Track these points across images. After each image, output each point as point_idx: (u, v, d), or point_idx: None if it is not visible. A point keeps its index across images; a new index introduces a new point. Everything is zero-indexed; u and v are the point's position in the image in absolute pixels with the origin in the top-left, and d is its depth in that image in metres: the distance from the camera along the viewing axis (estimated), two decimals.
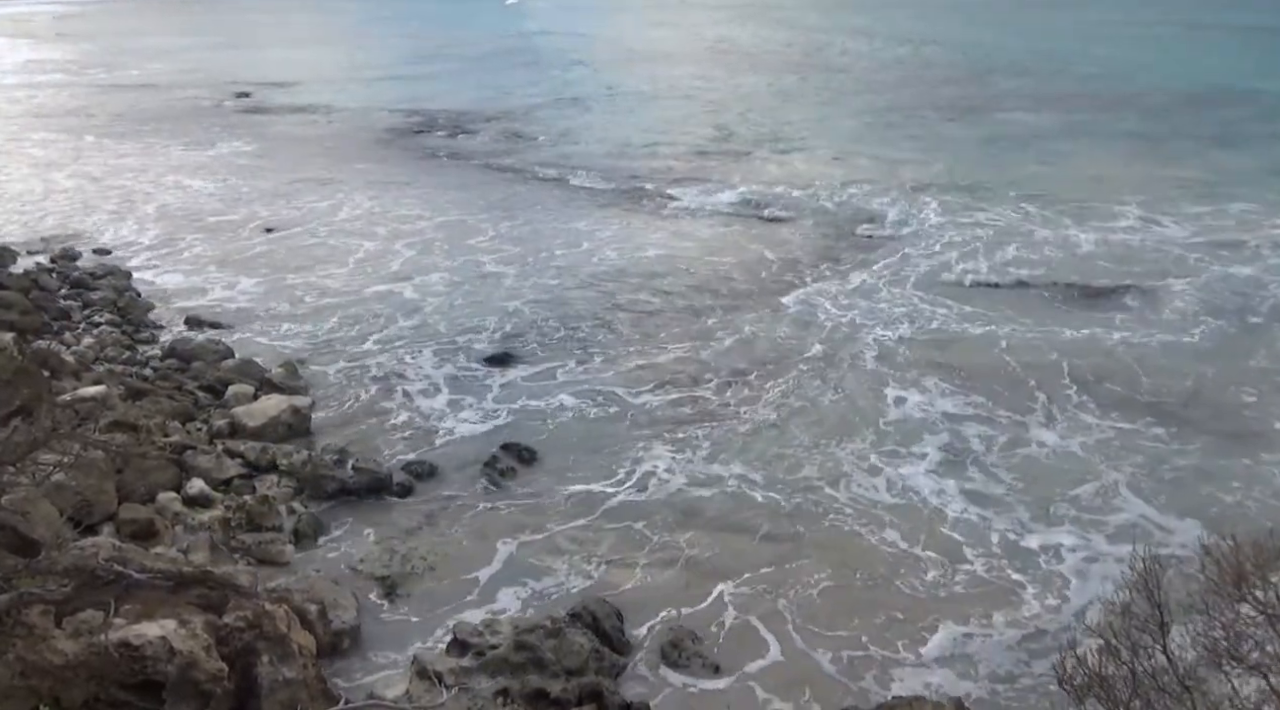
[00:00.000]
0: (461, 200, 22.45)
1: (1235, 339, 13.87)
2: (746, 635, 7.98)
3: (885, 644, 7.86)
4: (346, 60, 49.86)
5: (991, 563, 8.89)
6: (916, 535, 9.27)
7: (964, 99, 34.61)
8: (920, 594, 8.46)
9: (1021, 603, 8.33)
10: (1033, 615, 8.18)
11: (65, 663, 5.55)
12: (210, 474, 9.87)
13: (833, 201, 21.58)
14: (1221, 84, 35.15)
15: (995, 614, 8.19)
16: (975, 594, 8.46)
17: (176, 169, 26.45)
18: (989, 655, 7.71)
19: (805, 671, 7.57)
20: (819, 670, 7.60)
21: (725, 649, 7.79)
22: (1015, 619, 8.12)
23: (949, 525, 9.44)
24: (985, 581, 8.63)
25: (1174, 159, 24.87)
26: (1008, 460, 10.64)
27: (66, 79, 43.96)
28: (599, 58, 48.95)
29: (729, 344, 13.89)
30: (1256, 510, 9.55)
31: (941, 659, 7.70)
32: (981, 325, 14.41)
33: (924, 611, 8.22)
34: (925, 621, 8.09)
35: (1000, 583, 8.62)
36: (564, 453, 10.98)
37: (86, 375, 11.56)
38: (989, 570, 8.78)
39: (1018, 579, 8.65)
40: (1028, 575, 8.71)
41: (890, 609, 8.26)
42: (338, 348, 14.03)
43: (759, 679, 7.50)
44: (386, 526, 9.52)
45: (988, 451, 10.81)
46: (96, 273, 16.82)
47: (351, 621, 7.77)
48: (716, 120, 31.77)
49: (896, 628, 8.04)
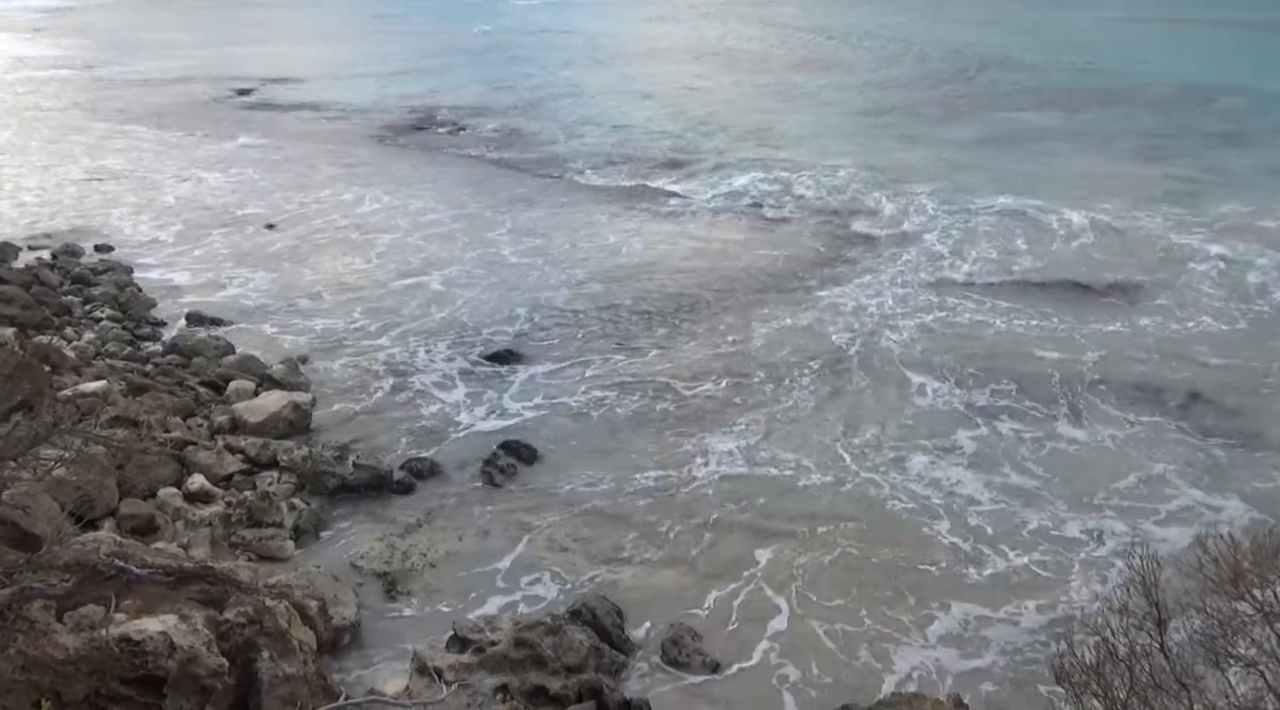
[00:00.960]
0: (467, 196, 22.44)
1: (1246, 332, 13.93)
2: (747, 634, 8.00)
3: (895, 641, 7.89)
4: (345, 56, 49.80)
5: (1021, 552, 8.99)
6: (945, 525, 9.34)
7: (960, 96, 34.65)
8: (936, 581, 8.50)
9: (1057, 589, 8.41)
10: (1056, 603, 8.24)
11: (66, 657, 5.57)
12: (211, 470, 9.89)
13: (837, 198, 21.58)
14: (1218, 82, 35.17)
15: (1025, 602, 8.28)
16: (1010, 584, 8.54)
17: (177, 165, 26.43)
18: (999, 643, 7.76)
19: (807, 668, 7.59)
20: (820, 666, 7.61)
21: (726, 647, 7.80)
22: (1041, 605, 8.19)
23: (979, 516, 9.50)
24: (1013, 571, 8.71)
25: (1172, 156, 24.92)
26: (1037, 453, 10.72)
27: (61, 75, 43.86)
28: (598, 54, 48.84)
29: (733, 343, 13.88)
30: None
31: (947, 639, 7.75)
32: (997, 319, 14.51)
33: (935, 594, 8.27)
34: (933, 605, 8.14)
35: (1030, 573, 8.70)
36: (565, 451, 11.00)
37: (88, 371, 11.58)
38: (1016, 559, 8.88)
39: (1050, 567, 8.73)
40: (1061, 565, 8.79)
41: (906, 591, 8.31)
42: (338, 344, 14.05)
43: (759, 676, 7.52)
44: (387, 523, 9.54)
45: (1018, 443, 10.91)
46: (98, 268, 16.83)
47: (352, 618, 7.80)
48: (718, 116, 31.72)
49: (904, 605, 8.09)
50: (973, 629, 8.03)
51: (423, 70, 44.11)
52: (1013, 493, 10.02)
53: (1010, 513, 9.65)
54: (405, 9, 72.39)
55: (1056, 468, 10.43)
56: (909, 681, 7.44)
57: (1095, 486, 10.05)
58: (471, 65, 45.34)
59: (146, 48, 52.09)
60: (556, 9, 74.13)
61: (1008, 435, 11.16)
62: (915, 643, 7.89)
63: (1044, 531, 9.34)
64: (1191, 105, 31.58)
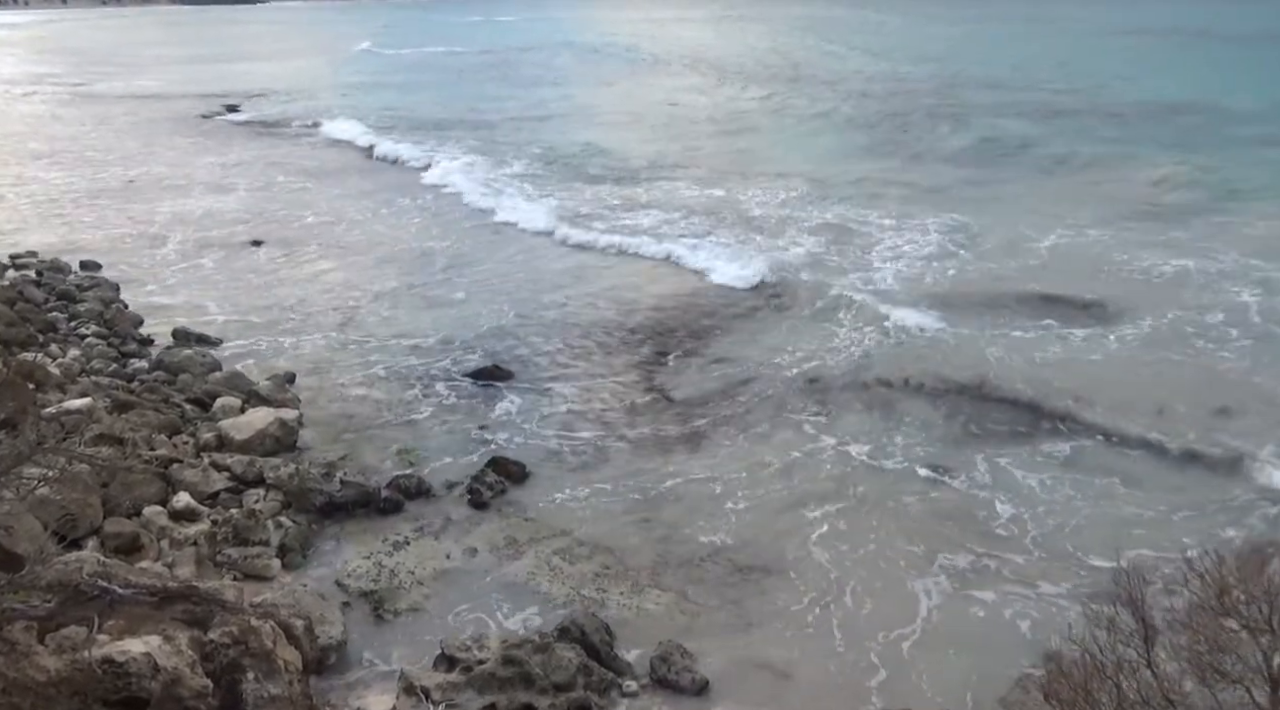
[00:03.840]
0: (422, 223, 22.38)
1: (1205, 350, 13.94)
2: (737, 652, 7.96)
3: (874, 670, 7.86)
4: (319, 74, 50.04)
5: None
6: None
7: (944, 109, 35.11)
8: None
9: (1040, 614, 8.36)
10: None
11: (48, 680, 5.50)
12: (197, 488, 9.81)
13: (813, 214, 21.74)
14: (1187, 98, 35.77)
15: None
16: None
17: (161, 182, 26.40)
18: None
19: (796, 691, 7.56)
20: (812, 689, 7.58)
21: (716, 666, 7.75)
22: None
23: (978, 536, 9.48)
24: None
25: (1142, 169, 25.22)
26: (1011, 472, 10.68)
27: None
28: (580, 72, 49.28)
29: (705, 368, 13.81)
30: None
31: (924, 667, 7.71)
32: (978, 333, 14.51)
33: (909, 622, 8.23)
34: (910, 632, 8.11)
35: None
36: (554, 469, 10.97)
37: (72, 388, 11.49)
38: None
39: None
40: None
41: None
42: (326, 360, 14.00)
43: (749, 695, 7.48)
44: (374, 541, 9.48)
45: (992, 464, 10.85)
46: (84, 285, 16.74)
47: (338, 637, 7.73)
48: (694, 132, 32.04)
49: (880, 621, 8.04)
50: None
51: (404, 83, 44.25)
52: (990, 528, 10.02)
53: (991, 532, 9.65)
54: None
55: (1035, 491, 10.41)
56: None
57: (1074, 506, 10.07)
58: (453, 83, 45.52)
59: (118, 64, 52.08)
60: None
61: (983, 458, 11.09)
62: (892, 666, 7.86)
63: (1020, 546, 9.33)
64: (1159, 119, 32.08)
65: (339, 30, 77.82)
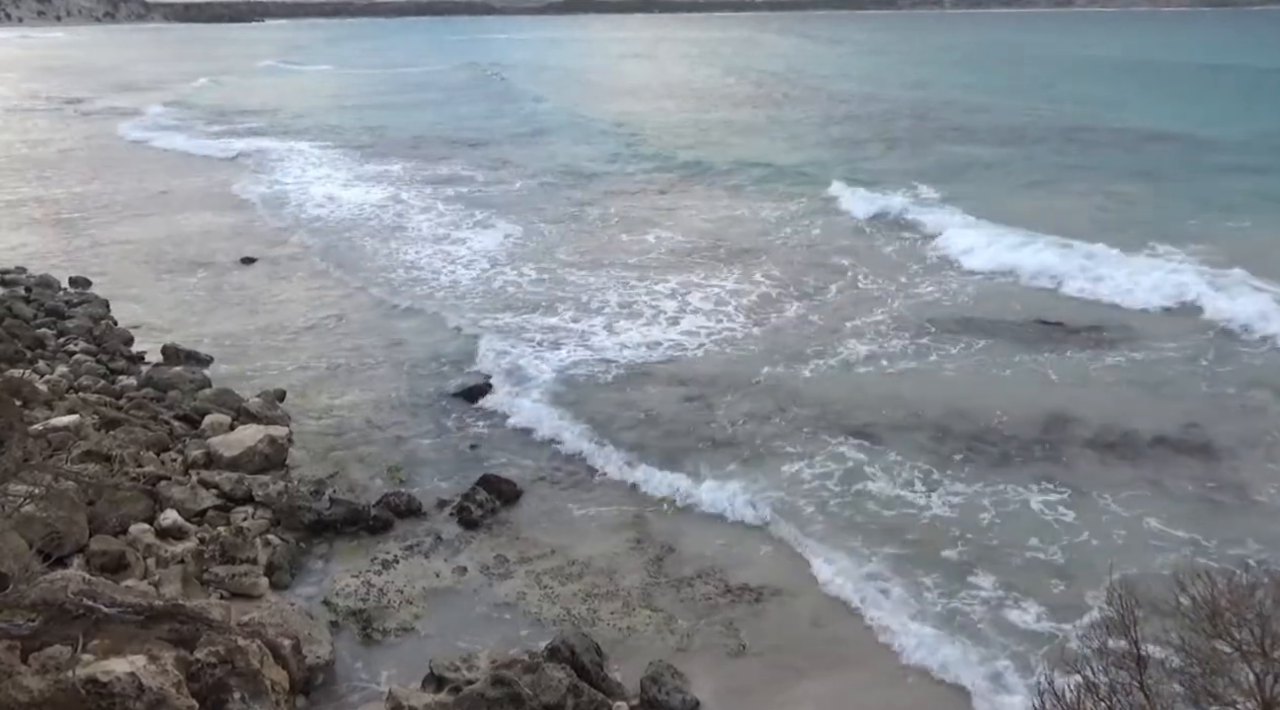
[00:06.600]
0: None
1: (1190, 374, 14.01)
2: (731, 673, 7.91)
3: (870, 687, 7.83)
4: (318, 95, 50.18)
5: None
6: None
7: (925, 132, 35.58)
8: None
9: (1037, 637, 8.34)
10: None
11: (31, 700, 5.43)
12: (184, 505, 9.73)
13: (798, 232, 21.86)
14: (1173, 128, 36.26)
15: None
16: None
17: (151, 198, 26.38)
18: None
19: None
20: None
21: (707, 687, 7.69)
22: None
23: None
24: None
25: (1123, 194, 25.52)
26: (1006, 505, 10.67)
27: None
28: (568, 91, 49.69)
29: (690, 391, 13.77)
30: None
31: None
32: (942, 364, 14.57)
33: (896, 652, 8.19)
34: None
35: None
36: (545, 487, 10.92)
37: (60, 404, 11.42)
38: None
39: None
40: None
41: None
42: (317, 379, 13.95)
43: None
44: (363, 560, 9.41)
45: (982, 494, 10.84)
46: (73, 301, 16.67)
47: (326, 656, 7.66)
48: (685, 149, 32.33)
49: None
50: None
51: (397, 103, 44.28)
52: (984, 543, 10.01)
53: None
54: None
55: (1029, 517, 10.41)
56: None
57: (1070, 528, 10.07)
58: (446, 102, 45.70)
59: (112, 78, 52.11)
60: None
61: (970, 489, 11.05)
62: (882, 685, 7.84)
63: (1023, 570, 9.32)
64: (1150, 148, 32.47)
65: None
